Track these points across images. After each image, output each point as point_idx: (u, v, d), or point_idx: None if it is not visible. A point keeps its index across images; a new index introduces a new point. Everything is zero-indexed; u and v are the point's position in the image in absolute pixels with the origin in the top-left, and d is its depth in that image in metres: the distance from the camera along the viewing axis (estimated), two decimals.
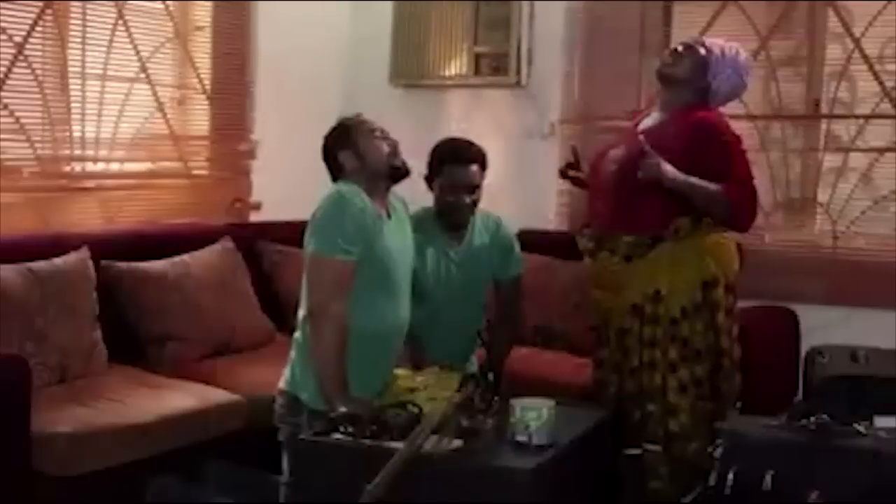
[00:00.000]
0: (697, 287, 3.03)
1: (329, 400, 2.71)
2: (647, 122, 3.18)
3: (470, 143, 3.19)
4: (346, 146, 2.88)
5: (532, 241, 3.68)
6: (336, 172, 2.91)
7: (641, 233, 3.02)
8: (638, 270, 3.02)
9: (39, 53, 3.77)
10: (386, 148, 2.88)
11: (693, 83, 3.09)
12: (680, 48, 3.14)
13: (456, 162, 3.12)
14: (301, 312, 2.83)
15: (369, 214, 2.78)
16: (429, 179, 3.18)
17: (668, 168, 2.92)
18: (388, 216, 2.90)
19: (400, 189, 2.96)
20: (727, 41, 3.19)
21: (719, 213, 3.01)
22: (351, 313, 2.75)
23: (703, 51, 3.10)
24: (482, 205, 3.24)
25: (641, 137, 2.98)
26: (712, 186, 2.95)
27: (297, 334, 2.87)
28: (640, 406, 3.03)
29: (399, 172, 2.89)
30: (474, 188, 3.14)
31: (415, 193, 3.17)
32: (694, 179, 2.93)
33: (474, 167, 3.13)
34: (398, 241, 2.90)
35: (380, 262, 2.81)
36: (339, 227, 2.74)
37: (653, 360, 3.03)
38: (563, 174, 3.35)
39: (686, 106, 3.08)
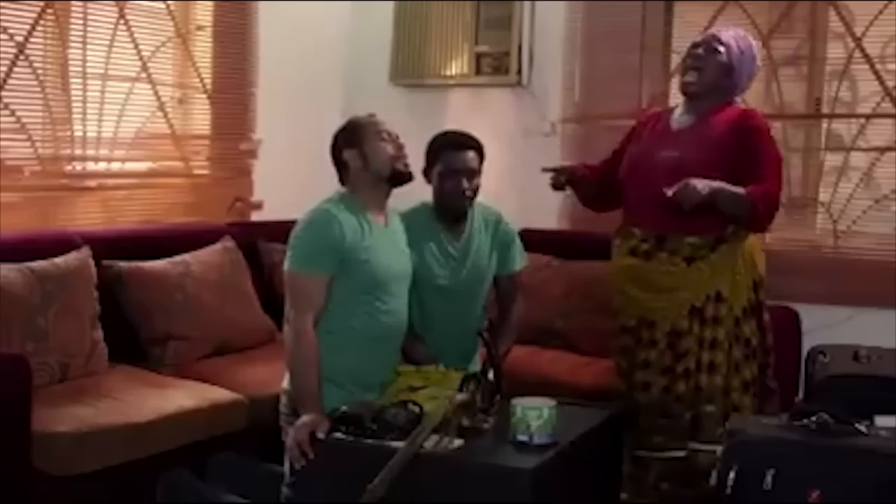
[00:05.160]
0: (751, 287, 3.07)
1: (296, 407, 2.74)
2: (680, 122, 3.15)
3: (466, 133, 3.19)
4: (352, 145, 2.89)
5: (532, 240, 3.67)
6: (341, 170, 2.93)
7: (705, 234, 3.02)
8: (698, 272, 3.03)
9: (41, 53, 3.78)
10: (391, 150, 2.88)
11: (719, 87, 3.10)
12: (702, 52, 3.09)
13: (453, 148, 3.11)
14: None
15: (349, 230, 2.79)
16: (426, 172, 3.15)
17: (699, 183, 2.88)
18: (386, 222, 2.93)
19: (402, 189, 2.96)
20: (731, 28, 3.18)
21: (740, 216, 3.01)
22: (347, 318, 2.80)
23: (722, 50, 3.07)
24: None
25: (671, 190, 2.89)
26: (737, 189, 2.94)
27: None
28: (694, 408, 3.02)
29: (401, 176, 2.89)
30: (472, 174, 3.11)
31: (415, 194, 3.16)
32: (720, 184, 2.92)
33: (471, 153, 3.11)
34: (391, 248, 2.91)
35: (368, 270, 2.82)
36: (306, 246, 2.79)
37: (713, 361, 3.03)
38: (557, 187, 3.30)
39: (717, 106, 3.09)
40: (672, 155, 3.06)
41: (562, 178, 3.27)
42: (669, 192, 2.89)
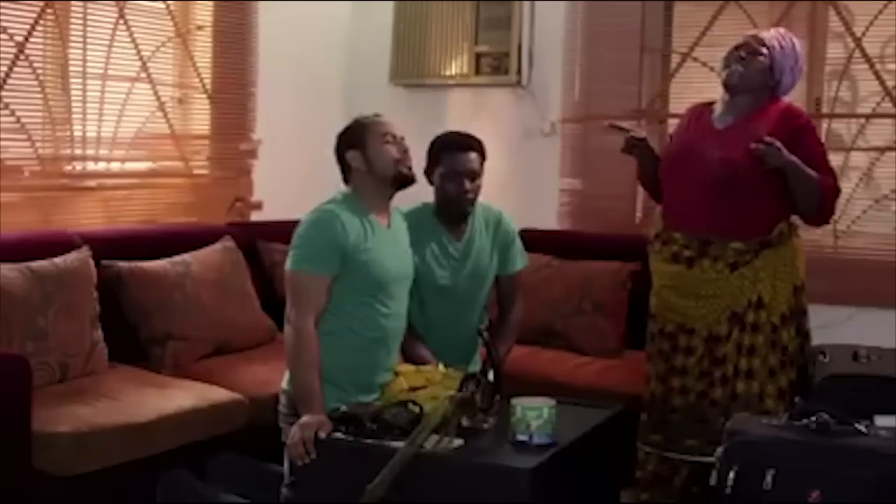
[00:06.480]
0: (791, 293, 3.06)
1: (296, 407, 2.73)
2: (724, 121, 3.14)
3: (467, 134, 3.20)
4: (355, 146, 2.88)
5: (533, 240, 3.67)
6: (345, 171, 2.93)
7: (750, 238, 3.02)
8: (741, 279, 3.02)
9: (40, 53, 3.78)
10: (394, 153, 2.87)
11: (762, 85, 3.10)
12: (744, 54, 3.09)
13: (455, 149, 3.12)
14: None
15: (352, 231, 2.79)
16: (428, 173, 3.16)
17: (784, 148, 2.93)
18: (389, 224, 2.93)
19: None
20: (775, 28, 3.20)
21: (810, 203, 3.02)
22: (347, 320, 2.80)
23: (765, 52, 3.08)
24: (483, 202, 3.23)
25: (759, 144, 2.94)
26: (812, 172, 2.98)
27: None
28: (728, 414, 2.98)
29: (404, 179, 2.89)
30: (474, 175, 3.12)
31: (417, 194, 3.16)
32: (797, 160, 2.96)
33: (473, 154, 3.12)
34: (393, 250, 2.91)
35: (370, 272, 2.81)
36: (309, 246, 2.78)
37: (751, 367, 3.02)
38: (628, 148, 3.25)
39: (760, 104, 3.10)
40: (721, 154, 3.05)
41: (633, 136, 3.23)
42: (753, 145, 2.91)
